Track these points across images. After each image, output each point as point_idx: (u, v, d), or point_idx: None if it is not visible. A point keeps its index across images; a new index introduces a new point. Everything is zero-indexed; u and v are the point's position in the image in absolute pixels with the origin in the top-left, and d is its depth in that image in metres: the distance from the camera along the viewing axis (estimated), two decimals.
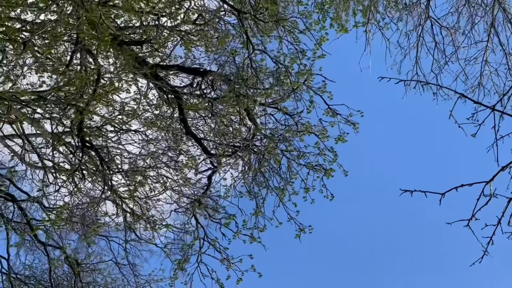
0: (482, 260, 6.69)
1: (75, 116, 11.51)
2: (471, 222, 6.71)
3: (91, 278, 14.99)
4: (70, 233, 14.00)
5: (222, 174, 11.37)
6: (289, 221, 10.40)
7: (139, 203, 13.45)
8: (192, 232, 10.90)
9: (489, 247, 6.66)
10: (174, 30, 11.86)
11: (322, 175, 10.40)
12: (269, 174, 11.08)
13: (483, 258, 6.69)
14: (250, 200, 10.80)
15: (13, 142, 12.95)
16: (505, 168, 6.63)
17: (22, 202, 12.84)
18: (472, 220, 6.72)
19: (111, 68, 12.29)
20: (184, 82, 12.31)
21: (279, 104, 10.88)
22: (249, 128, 11.49)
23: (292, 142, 10.84)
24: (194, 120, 12.12)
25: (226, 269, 10.30)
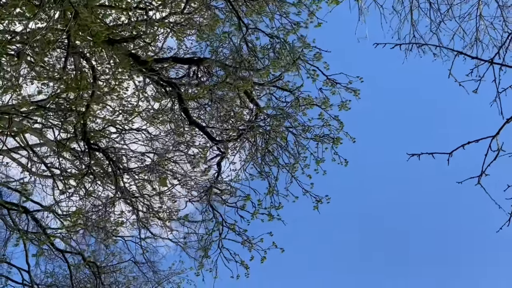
0: (510, 223, 6.69)
1: (77, 121, 11.54)
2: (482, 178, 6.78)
3: (112, 279, 15.15)
4: (86, 237, 14.12)
5: (230, 159, 11.47)
6: (305, 194, 10.55)
7: (149, 201, 13.59)
8: (210, 220, 11.03)
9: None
10: (164, 23, 11.85)
11: (330, 144, 10.53)
12: (278, 152, 11.19)
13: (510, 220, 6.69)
14: (262, 180, 10.95)
15: (18, 155, 12.99)
16: (510, 120, 6.70)
17: (36, 212, 12.87)
18: (482, 176, 6.77)
19: (106, 69, 12.31)
20: (180, 73, 12.34)
21: (278, 81, 10.94)
22: (251, 110, 11.56)
23: (296, 118, 10.93)
24: (195, 110, 12.17)
25: (249, 250, 10.47)
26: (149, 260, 15.33)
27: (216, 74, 12.06)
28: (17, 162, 12.96)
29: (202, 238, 11.32)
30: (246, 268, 10.56)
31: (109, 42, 11.21)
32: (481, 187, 6.68)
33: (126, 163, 13.48)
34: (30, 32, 10.52)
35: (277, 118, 11.05)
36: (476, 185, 6.72)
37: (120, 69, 11.79)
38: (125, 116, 12.32)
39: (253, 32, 10.58)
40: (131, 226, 14.15)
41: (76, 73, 11.84)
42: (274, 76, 11.05)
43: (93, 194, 12.73)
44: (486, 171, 6.72)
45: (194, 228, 12.16)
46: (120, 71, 11.63)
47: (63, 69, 11.61)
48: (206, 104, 12.12)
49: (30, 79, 11.66)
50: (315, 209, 10.39)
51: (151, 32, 11.88)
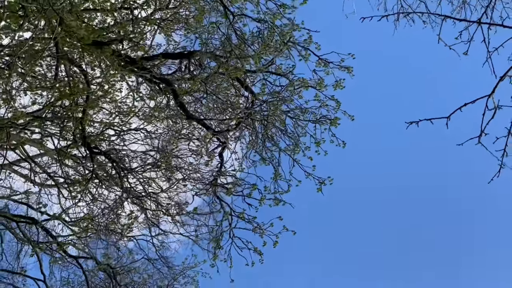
0: (499, 174, 6.77)
1: (75, 127, 11.53)
2: (482, 138, 6.81)
3: (128, 279, 15.27)
4: (98, 241, 14.22)
5: (232, 148, 11.51)
6: (307, 177, 10.60)
7: (156, 198, 13.65)
8: (219, 211, 11.09)
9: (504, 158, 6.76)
10: (150, 20, 11.79)
11: (328, 125, 10.55)
12: (277, 137, 11.23)
13: (500, 172, 6.77)
14: (266, 165, 10.98)
15: (20, 167, 13.01)
16: (503, 77, 6.72)
17: (45, 222, 12.94)
18: (482, 136, 6.81)
19: (98, 72, 12.29)
20: (172, 69, 12.32)
21: (271, 66, 10.92)
22: (247, 98, 11.57)
23: (292, 100, 10.93)
24: (191, 104, 12.17)
25: (260, 236, 10.53)
26: (162, 256, 15.46)
27: (208, 65, 12.04)
28: (20, 175, 13.00)
29: (213, 229, 11.39)
30: (260, 254, 10.63)
31: (97, 44, 11.16)
32: (482, 146, 6.72)
33: (129, 163, 13.54)
34: (17, 43, 10.49)
35: (273, 103, 11.05)
36: (477, 144, 6.77)
37: (111, 71, 11.76)
38: (121, 117, 12.31)
39: (240, 19, 10.53)
40: (141, 225, 14.27)
41: (69, 79, 11.81)
42: (266, 61, 11.02)
43: (99, 198, 12.79)
44: (485, 130, 6.77)
45: (204, 220, 12.25)
46: (112, 73, 11.59)
47: (55, 77, 11.59)
48: (202, 97, 12.11)
49: (22, 91, 11.65)
50: (319, 191, 10.44)
51: (139, 31, 11.84)
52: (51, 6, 9.32)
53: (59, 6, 9.62)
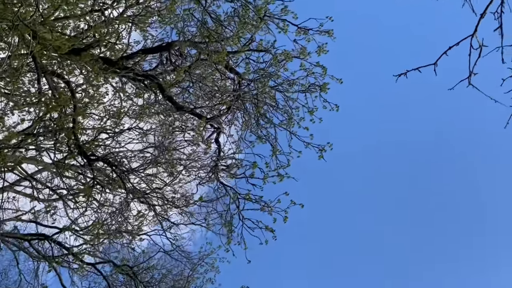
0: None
1: (68, 138, 11.49)
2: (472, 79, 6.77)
3: (148, 277, 15.41)
4: (111, 244, 14.30)
5: (227, 132, 11.50)
6: (307, 147, 10.60)
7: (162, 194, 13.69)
8: (225, 196, 11.15)
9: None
10: (123, 18, 11.66)
11: (319, 92, 10.52)
12: (270, 113, 11.21)
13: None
14: (263, 143, 10.99)
15: (22, 186, 13.02)
16: (483, 14, 6.65)
17: (56, 235, 12.99)
18: (471, 77, 6.78)
19: (80, 79, 12.21)
20: (154, 63, 12.22)
21: (252, 44, 10.84)
22: (233, 79, 11.50)
23: (279, 75, 10.88)
24: (179, 95, 12.11)
25: (269, 214, 10.60)
26: (178, 246, 15.57)
27: (189, 54, 11.95)
28: (23, 194, 13.00)
29: (222, 215, 11.46)
30: (271, 232, 10.72)
31: (75, 52, 11.06)
32: (473, 87, 6.68)
33: (128, 164, 13.53)
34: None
35: (260, 80, 11.00)
36: (468, 86, 6.73)
37: (93, 75, 11.68)
38: (112, 120, 12.26)
39: (212, 2, 10.41)
40: (152, 222, 14.35)
41: (53, 92, 11.73)
42: (246, 39, 10.93)
43: (105, 203, 12.83)
44: (474, 71, 6.72)
45: (212, 207, 12.31)
46: (94, 77, 11.51)
47: (39, 92, 11.51)
48: (188, 86, 12.05)
49: (9, 110, 11.58)
50: (320, 158, 10.46)
51: (113, 31, 11.72)
52: (21, 21, 9.21)
53: (29, 20, 9.50)
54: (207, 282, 16.43)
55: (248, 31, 10.93)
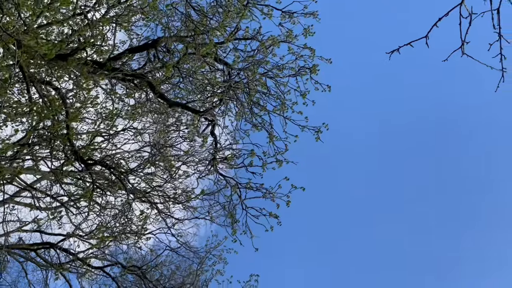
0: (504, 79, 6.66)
1: (63, 144, 11.46)
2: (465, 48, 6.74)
3: (157, 275, 15.48)
4: (117, 246, 14.34)
5: (222, 124, 11.50)
6: (303, 130, 10.60)
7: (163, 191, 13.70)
8: (225, 187, 11.17)
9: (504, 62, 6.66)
10: (106, 19, 11.58)
11: (309, 74, 10.50)
12: (263, 100, 11.20)
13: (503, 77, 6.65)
14: (259, 131, 10.99)
15: (22, 197, 13.01)
16: None
17: (61, 242, 13.01)
18: (464, 46, 6.75)
19: (70, 85, 12.15)
20: (142, 62, 12.17)
21: (238, 33, 10.79)
22: (223, 70, 11.47)
23: (267, 61, 10.85)
24: (170, 91, 12.09)
25: (272, 200, 10.62)
26: (184, 243, 15.63)
27: (176, 49, 11.90)
28: (24, 205, 13.00)
29: (225, 206, 11.48)
30: (276, 217, 10.74)
31: (61, 58, 11.00)
32: (467, 56, 6.65)
33: (126, 165, 13.52)
34: None
35: (249, 68, 10.97)
36: (462, 56, 6.70)
37: (83, 79, 11.62)
38: (106, 122, 12.22)
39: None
40: (156, 221, 14.38)
41: (43, 100, 11.68)
42: (232, 28, 10.88)
43: (107, 206, 12.84)
44: (466, 39, 6.69)
45: (215, 199, 12.33)
46: (84, 81, 11.45)
47: (29, 101, 11.46)
48: (178, 81, 12.01)
49: (2, 123, 11.54)
50: (317, 140, 10.47)
51: (98, 33, 11.64)
52: (4, 31, 9.14)
53: (12, 29, 9.43)
54: (217, 274, 16.54)
55: (232, 20, 10.89)
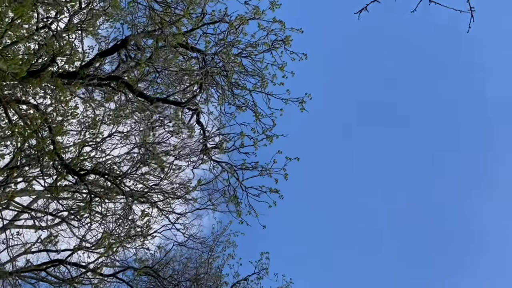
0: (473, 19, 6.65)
1: (52, 161, 11.38)
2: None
3: (170, 270, 15.58)
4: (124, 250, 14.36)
5: (206, 111, 11.47)
6: (286, 103, 10.62)
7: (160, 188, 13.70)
8: (222, 172, 11.19)
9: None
10: (71, 27, 11.41)
11: (283, 46, 10.49)
12: (242, 80, 11.18)
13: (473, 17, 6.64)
14: (244, 112, 11.00)
15: (22, 220, 12.95)
16: None
17: (69, 257, 12.99)
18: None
19: (47, 100, 12.01)
20: (115, 63, 12.05)
21: (204, 18, 10.71)
22: (197, 58, 11.40)
23: (239, 41, 10.80)
24: (149, 88, 12.01)
25: (269, 176, 10.66)
26: (191, 235, 15.73)
27: (146, 44, 11.79)
28: (26, 227, 12.94)
29: (224, 191, 11.51)
30: (277, 192, 10.79)
31: (33, 74, 10.86)
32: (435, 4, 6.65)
33: (119, 169, 13.48)
34: None
35: (223, 51, 10.91)
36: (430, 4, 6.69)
37: (59, 92, 11.49)
38: (90, 131, 12.14)
39: None
40: (159, 218, 14.43)
41: (24, 120, 11.55)
42: (198, 15, 10.80)
43: (108, 213, 12.83)
44: None
45: (213, 187, 12.37)
46: (60, 94, 11.32)
47: (9, 123, 11.33)
48: (155, 77, 11.92)
49: None
50: (302, 110, 10.52)
51: (66, 43, 11.48)
52: None
53: None
54: (228, 258, 16.69)
55: (198, 6, 10.80)
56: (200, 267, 16.17)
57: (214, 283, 16.29)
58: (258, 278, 16.89)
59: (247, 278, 16.80)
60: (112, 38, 11.85)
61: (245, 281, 16.84)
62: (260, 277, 16.93)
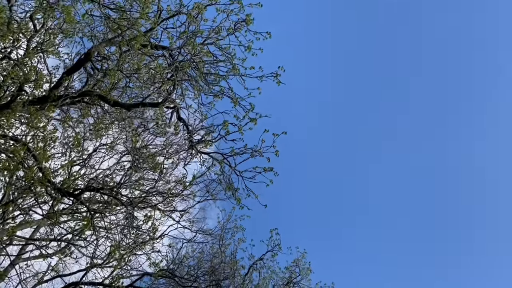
0: None
1: (44, 187, 11.29)
2: None
3: (186, 267, 15.70)
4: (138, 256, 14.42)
5: (184, 106, 11.37)
6: (261, 81, 10.55)
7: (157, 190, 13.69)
8: (213, 164, 11.16)
9: None
10: (31, 52, 11.21)
11: (246, 26, 10.36)
12: (213, 68, 11.07)
13: None
14: (221, 99, 10.92)
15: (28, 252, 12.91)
16: None
17: (84, 277, 13.03)
18: None
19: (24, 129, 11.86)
20: (84, 78, 11.89)
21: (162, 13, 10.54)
22: (164, 55, 11.25)
23: (201, 30, 10.66)
24: (123, 94, 11.88)
25: (260, 156, 10.62)
26: (198, 230, 15.82)
27: (110, 52, 11.62)
28: (34, 258, 12.92)
29: (220, 181, 11.50)
30: (271, 170, 10.78)
31: (4, 107, 10.73)
32: None
33: (112, 181, 13.43)
34: None
35: (188, 43, 10.77)
36: None
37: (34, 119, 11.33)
38: (74, 150, 12.04)
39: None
40: (163, 220, 14.45)
41: (5, 153, 11.41)
42: (154, 11, 10.63)
43: (111, 225, 12.82)
44: None
45: (208, 178, 12.36)
46: (36, 121, 11.17)
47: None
48: (127, 82, 11.78)
49: None
50: (279, 84, 10.44)
51: (30, 68, 11.28)
52: None
53: None
54: (239, 242, 16.83)
55: (152, 3, 10.59)
56: (214, 258, 16.28)
57: (231, 269, 16.44)
58: (273, 255, 17.09)
59: (262, 258, 17.00)
60: (74, 53, 11.65)
61: (261, 260, 17.03)
62: (274, 253, 17.13)
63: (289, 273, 17.25)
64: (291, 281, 17.26)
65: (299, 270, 17.27)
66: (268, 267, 17.12)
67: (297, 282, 17.34)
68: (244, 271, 16.71)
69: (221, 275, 15.90)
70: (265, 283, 17.13)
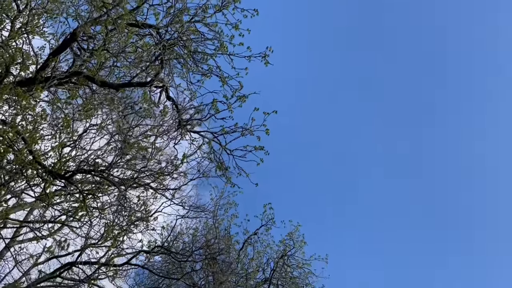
0: None
1: (35, 170, 11.25)
2: None
3: (181, 244, 15.86)
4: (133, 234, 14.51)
5: (173, 85, 11.28)
6: (250, 61, 10.44)
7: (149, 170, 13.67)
8: (203, 144, 11.15)
9: None
10: (15, 34, 11.03)
11: (233, 5, 10.20)
12: (201, 47, 10.96)
13: None
14: (209, 78, 10.83)
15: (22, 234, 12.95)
16: None
17: (79, 257, 13.12)
18: None
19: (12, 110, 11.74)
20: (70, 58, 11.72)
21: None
22: (151, 34, 11.09)
23: (188, 8, 10.49)
24: (111, 74, 11.75)
25: (251, 135, 10.58)
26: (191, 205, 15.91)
27: (96, 31, 11.44)
28: (28, 240, 12.98)
29: (211, 159, 11.50)
30: (262, 149, 10.76)
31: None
32: None
33: (104, 161, 13.38)
34: None
35: (175, 21, 10.61)
36: None
37: (23, 101, 11.21)
38: (64, 132, 11.94)
39: None
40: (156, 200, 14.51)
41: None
42: None
43: (105, 206, 12.85)
44: None
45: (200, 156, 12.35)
46: (24, 103, 11.04)
47: None
48: (114, 62, 11.63)
49: None
50: (267, 64, 10.36)
51: (16, 49, 11.12)
52: None
53: None
54: (232, 218, 16.98)
55: None
56: (208, 233, 16.44)
57: (225, 244, 16.63)
58: (267, 229, 17.29)
59: (257, 232, 17.21)
60: (60, 33, 11.46)
61: (255, 235, 17.23)
62: (268, 227, 17.33)
63: (284, 247, 17.48)
64: (286, 254, 17.50)
65: (293, 243, 17.49)
66: (263, 241, 17.35)
67: (291, 255, 17.59)
68: (239, 246, 16.92)
69: (215, 250, 16.07)
70: (259, 257, 17.38)
